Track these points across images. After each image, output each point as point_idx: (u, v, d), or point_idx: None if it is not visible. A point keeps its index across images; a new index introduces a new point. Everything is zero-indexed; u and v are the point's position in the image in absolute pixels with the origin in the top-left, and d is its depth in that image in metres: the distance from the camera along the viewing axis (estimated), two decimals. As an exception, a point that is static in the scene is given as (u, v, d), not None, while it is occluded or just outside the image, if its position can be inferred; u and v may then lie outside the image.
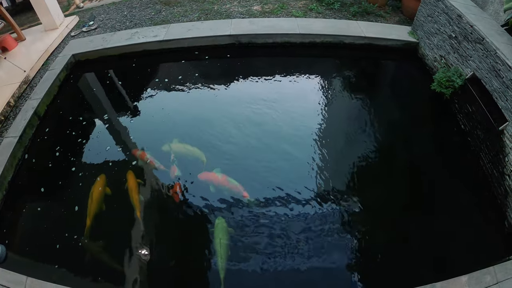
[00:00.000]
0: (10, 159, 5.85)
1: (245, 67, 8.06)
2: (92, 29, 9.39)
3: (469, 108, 5.80)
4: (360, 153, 5.84)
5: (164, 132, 6.54)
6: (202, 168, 5.63)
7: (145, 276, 4.64)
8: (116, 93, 7.73)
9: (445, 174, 5.61)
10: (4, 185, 5.62)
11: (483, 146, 5.41)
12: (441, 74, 6.31)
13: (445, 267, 4.40)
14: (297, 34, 8.07)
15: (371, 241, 4.80)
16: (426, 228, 4.89)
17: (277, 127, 6.46)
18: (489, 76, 5.37)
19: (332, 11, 8.97)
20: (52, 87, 7.42)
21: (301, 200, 5.20)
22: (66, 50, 8.56)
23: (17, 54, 8.66)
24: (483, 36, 5.48)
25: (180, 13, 9.55)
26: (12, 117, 6.76)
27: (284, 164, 5.82)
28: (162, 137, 6.33)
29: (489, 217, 4.93)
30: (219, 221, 4.93)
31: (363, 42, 7.86)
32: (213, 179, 5.43)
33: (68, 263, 4.75)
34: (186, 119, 6.80)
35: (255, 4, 9.61)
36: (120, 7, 10.52)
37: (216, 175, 5.46)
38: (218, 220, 4.94)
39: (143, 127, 6.75)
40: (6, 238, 5.07)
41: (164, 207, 5.42)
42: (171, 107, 7.17)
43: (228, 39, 8.29)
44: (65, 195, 5.66)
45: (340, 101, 7.09)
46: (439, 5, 6.64)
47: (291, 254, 4.62)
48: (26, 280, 4.28)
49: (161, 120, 6.84)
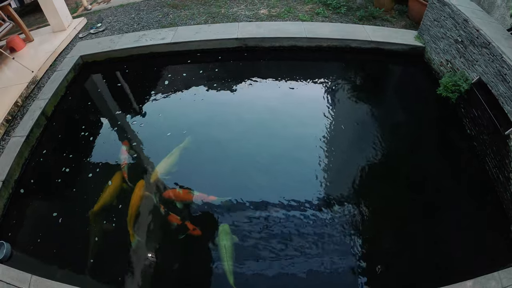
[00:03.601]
0: (17, 158, 5.89)
1: (252, 70, 8.08)
2: (99, 31, 9.45)
3: (475, 112, 5.79)
4: (365, 157, 5.83)
5: (170, 133, 6.55)
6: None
7: (149, 273, 4.67)
8: (123, 94, 7.75)
9: (450, 178, 5.59)
10: (11, 183, 5.66)
11: (489, 150, 5.39)
12: (447, 78, 6.29)
13: (450, 272, 4.38)
14: (303, 38, 8.08)
15: (375, 245, 4.79)
16: (430, 233, 4.87)
17: (282, 129, 6.49)
18: (495, 81, 5.36)
19: (339, 15, 8.99)
20: (59, 88, 7.46)
21: (306, 203, 5.19)
22: (74, 52, 8.62)
23: (25, 55, 8.72)
24: (489, 41, 5.47)
25: (188, 16, 9.59)
26: (19, 117, 6.81)
27: (289, 167, 5.83)
28: (168, 138, 6.37)
29: (494, 222, 4.89)
30: (223, 227, 4.92)
31: (369, 46, 7.85)
32: (175, 195, 5.43)
33: (72, 262, 4.78)
34: (192, 121, 6.80)
35: (262, 8, 9.65)
36: (127, 9, 10.59)
37: (178, 191, 5.46)
38: (221, 227, 4.93)
39: (150, 129, 6.75)
40: (11, 236, 5.11)
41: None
42: (177, 109, 7.22)
43: (235, 42, 8.31)
44: (70, 195, 5.69)
45: (347, 105, 7.08)
46: (445, 9, 6.64)
47: (295, 258, 4.61)
48: (30, 278, 4.29)
49: (167, 122, 6.87)
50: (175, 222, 5.00)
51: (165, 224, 5.19)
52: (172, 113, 7.16)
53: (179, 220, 5.00)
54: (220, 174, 5.83)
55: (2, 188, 5.42)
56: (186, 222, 4.99)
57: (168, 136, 6.48)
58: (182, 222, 4.97)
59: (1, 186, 5.42)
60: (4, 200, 5.44)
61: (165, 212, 5.10)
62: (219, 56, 8.36)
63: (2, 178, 5.51)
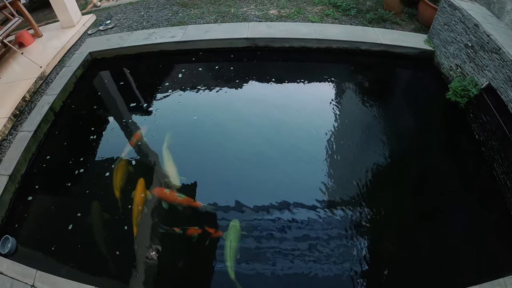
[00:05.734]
0: (24, 153, 5.93)
1: (261, 71, 8.07)
2: (109, 28, 9.48)
3: (483, 118, 5.75)
4: (372, 160, 5.80)
5: (177, 131, 6.57)
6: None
7: (153, 270, 4.70)
8: (132, 92, 7.78)
9: (458, 183, 5.56)
10: (17, 178, 5.70)
11: (497, 156, 5.35)
12: (456, 83, 6.26)
13: (455, 277, 4.35)
14: (313, 39, 8.06)
15: (380, 250, 4.76)
16: (436, 238, 4.85)
17: (290, 130, 6.50)
18: (505, 87, 5.33)
19: (348, 17, 8.96)
20: (68, 84, 7.49)
21: (310, 206, 5.18)
22: (83, 48, 8.66)
23: (33, 50, 8.77)
24: (499, 46, 5.44)
25: (197, 15, 9.59)
26: (27, 112, 6.84)
27: (295, 166, 5.83)
28: (175, 137, 6.39)
29: (501, 228, 4.86)
30: (233, 223, 4.93)
31: (379, 49, 7.82)
32: (163, 195, 5.41)
33: (77, 258, 4.80)
34: (199, 120, 6.80)
35: (272, 8, 9.63)
36: (137, 7, 10.60)
37: (165, 191, 5.44)
38: (232, 222, 4.94)
39: (157, 126, 6.76)
40: (17, 230, 5.14)
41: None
42: (186, 108, 7.21)
43: (245, 42, 8.30)
44: (77, 190, 5.71)
45: (355, 107, 7.05)
46: (455, 14, 6.60)
47: (299, 259, 4.60)
48: (35, 273, 4.31)
49: (175, 119, 6.92)
50: (196, 234, 4.91)
51: (169, 221, 5.22)
52: (179, 112, 7.17)
53: (199, 230, 4.93)
54: (227, 172, 5.89)
55: (8, 182, 5.45)
56: (206, 228, 4.95)
57: (174, 133, 6.50)
58: (202, 231, 4.91)
59: (8, 181, 5.45)
60: (10, 194, 5.48)
61: (182, 230, 5.01)
62: (228, 55, 8.36)
63: (8, 173, 5.54)
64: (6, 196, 5.38)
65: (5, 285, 4.24)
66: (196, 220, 5.13)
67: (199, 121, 6.79)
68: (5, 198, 5.36)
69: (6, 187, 5.39)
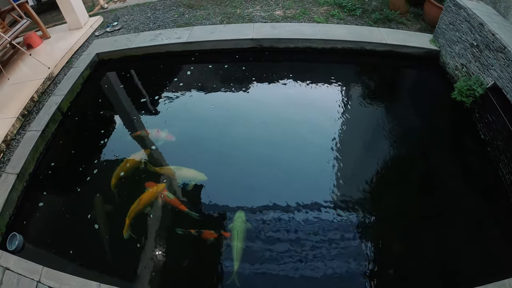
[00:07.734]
0: (32, 152, 6.01)
1: (266, 71, 8.08)
2: (116, 29, 9.55)
3: (489, 117, 5.73)
4: (377, 160, 5.80)
5: (183, 132, 6.62)
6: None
7: (159, 267, 4.72)
8: (139, 92, 7.83)
9: (463, 183, 5.54)
10: (25, 177, 5.77)
11: (503, 156, 5.33)
12: (462, 82, 6.25)
13: (459, 279, 4.36)
14: (318, 39, 8.07)
15: (384, 251, 4.75)
16: (440, 239, 4.82)
17: (296, 129, 6.51)
18: (510, 86, 5.31)
19: (354, 17, 8.96)
20: (75, 85, 7.58)
21: (314, 207, 5.19)
22: (90, 49, 8.75)
23: (41, 51, 8.88)
24: (505, 45, 5.42)
25: (203, 16, 9.64)
26: (35, 112, 6.92)
27: (301, 167, 5.84)
28: (180, 138, 6.43)
29: (506, 229, 4.83)
30: (239, 214, 4.99)
31: (384, 49, 7.82)
32: (153, 190, 5.44)
33: (84, 255, 4.84)
34: (205, 122, 6.84)
35: (277, 9, 9.66)
36: (143, 8, 10.68)
37: (154, 187, 5.47)
38: (237, 214, 5.00)
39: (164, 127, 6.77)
40: (24, 228, 5.22)
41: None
42: (192, 108, 7.26)
43: (250, 42, 8.34)
44: (84, 190, 5.76)
45: (360, 107, 7.04)
46: (461, 13, 6.60)
47: (303, 259, 4.61)
48: (42, 269, 4.36)
49: (181, 121, 6.94)
50: (211, 237, 4.87)
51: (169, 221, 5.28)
52: (186, 112, 7.20)
53: (215, 234, 4.90)
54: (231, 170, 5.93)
55: (16, 180, 5.52)
56: (222, 232, 4.94)
57: (181, 134, 6.54)
58: (218, 235, 4.90)
59: (16, 179, 5.52)
60: (18, 192, 5.55)
61: (198, 233, 4.99)
62: (234, 56, 8.39)
63: (17, 171, 5.62)
64: (14, 194, 5.45)
65: (12, 281, 4.30)
66: (198, 220, 5.15)
67: (205, 120, 6.84)
68: (13, 196, 5.43)
69: (14, 185, 5.46)
